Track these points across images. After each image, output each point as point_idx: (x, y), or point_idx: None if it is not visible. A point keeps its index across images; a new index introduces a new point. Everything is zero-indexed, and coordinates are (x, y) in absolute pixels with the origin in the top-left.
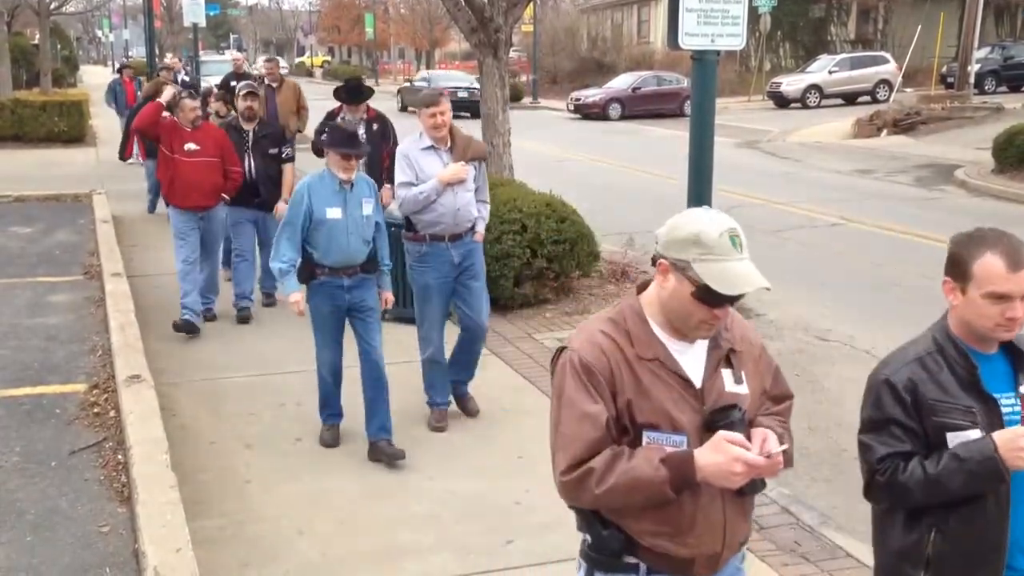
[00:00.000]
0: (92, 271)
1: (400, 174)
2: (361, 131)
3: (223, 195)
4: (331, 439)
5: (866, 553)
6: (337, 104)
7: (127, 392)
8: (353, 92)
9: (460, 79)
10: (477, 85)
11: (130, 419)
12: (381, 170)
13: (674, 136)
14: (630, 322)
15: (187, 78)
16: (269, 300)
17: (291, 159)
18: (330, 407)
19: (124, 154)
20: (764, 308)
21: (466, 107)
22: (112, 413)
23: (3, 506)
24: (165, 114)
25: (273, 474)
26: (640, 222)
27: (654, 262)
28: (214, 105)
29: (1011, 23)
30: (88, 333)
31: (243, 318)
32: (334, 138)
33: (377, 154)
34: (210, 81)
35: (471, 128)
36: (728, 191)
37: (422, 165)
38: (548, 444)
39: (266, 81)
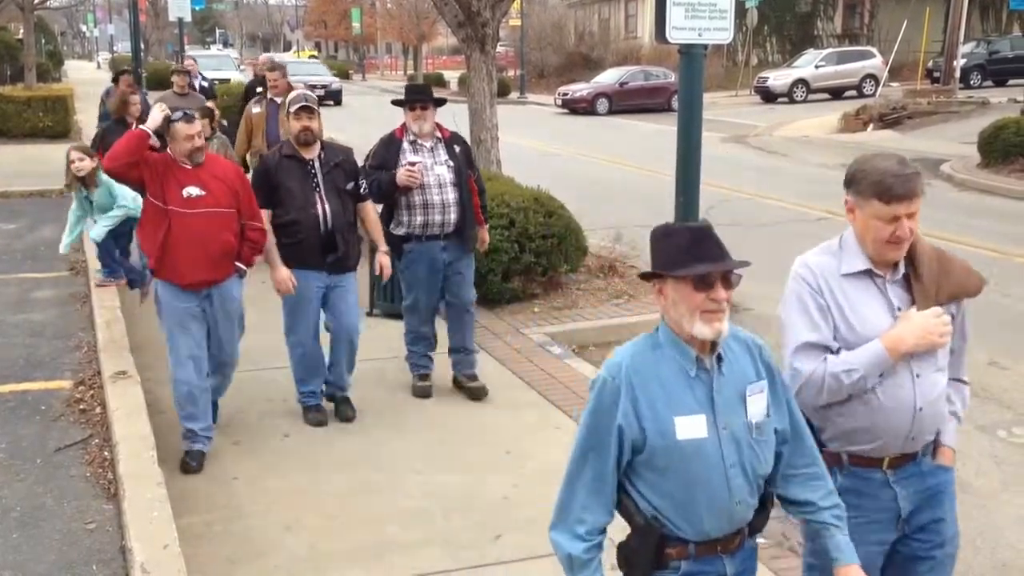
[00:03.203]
0: (78, 267)
1: (804, 326)
2: (444, 155)
3: (238, 265)
4: None
5: None
6: (399, 124)
7: (113, 388)
8: (419, 91)
9: (322, 71)
10: (334, 79)
11: (116, 415)
12: (476, 216)
13: (661, 131)
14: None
15: (205, 83)
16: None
17: (369, 195)
18: None
19: None
20: (751, 303)
21: (331, 97)
22: (98, 410)
23: None
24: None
25: (261, 470)
26: (627, 217)
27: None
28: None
29: (996, 18)
30: (74, 329)
31: (318, 421)
32: (668, 248)
33: (467, 191)
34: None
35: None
36: (716, 185)
37: (848, 310)
38: (534, 439)
39: (269, 95)
